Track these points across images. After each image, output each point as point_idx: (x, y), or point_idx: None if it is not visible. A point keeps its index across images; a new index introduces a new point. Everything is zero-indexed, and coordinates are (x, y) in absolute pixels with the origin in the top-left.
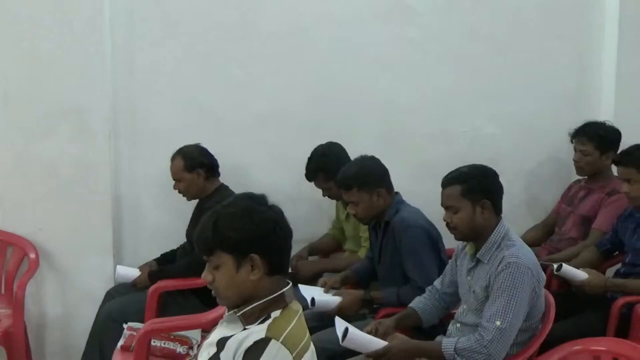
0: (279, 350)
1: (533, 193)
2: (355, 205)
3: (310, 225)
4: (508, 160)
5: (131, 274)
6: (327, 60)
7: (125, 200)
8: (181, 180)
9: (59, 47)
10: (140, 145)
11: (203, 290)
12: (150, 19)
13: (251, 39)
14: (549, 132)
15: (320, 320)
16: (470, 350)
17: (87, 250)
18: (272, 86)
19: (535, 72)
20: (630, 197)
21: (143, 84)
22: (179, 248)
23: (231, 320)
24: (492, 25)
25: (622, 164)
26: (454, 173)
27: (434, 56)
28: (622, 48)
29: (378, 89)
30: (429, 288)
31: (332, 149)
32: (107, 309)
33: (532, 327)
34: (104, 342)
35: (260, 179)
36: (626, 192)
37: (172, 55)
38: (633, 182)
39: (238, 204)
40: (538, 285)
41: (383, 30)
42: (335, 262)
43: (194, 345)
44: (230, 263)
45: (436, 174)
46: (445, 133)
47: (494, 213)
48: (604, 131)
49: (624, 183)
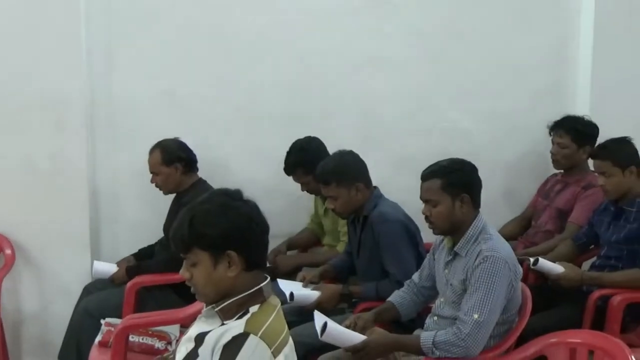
0: (258, 345)
1: (511, 186)
2: (334, 200)
3: (289, 219)
4: (486, 154)
5: (109, 270)
6: (305, 54)
7: (102, 195)
8: (159, 173)
9: (35, 40)
10: (117, 140)
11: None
12: (128, 12)
13: (230, 33)
14: (526, 126)
15: (299, 315)
16: (448, 344)
17: (64, 245)
18: (250, 80)
19: (512, 67)
20: (606, 190)
21: (121, 77)
22: (156, 243)
23: (209, 316)
24: (470, 20)
25: (598, 157)
26: (433, 167)
27: (411, 51)
28: (598, 43)
29: (356, 83)
30: (407, 282)
31: (311, 143)
32: (84, 304)
33: (509, 320)
34: (82, 338)
35: (239, 173)
36: (602, 185)
37: (150, 48)
38: (608, 175)
39: (213, 201)
40: (515, 279)
41: (361, 25)
42: (313, 257)
43: (172, 341)
44: (207, 260)
45: (415, 168)
46: (424, 127)
47: (472, 207)
48: (581, 125)
49: (599, 176)
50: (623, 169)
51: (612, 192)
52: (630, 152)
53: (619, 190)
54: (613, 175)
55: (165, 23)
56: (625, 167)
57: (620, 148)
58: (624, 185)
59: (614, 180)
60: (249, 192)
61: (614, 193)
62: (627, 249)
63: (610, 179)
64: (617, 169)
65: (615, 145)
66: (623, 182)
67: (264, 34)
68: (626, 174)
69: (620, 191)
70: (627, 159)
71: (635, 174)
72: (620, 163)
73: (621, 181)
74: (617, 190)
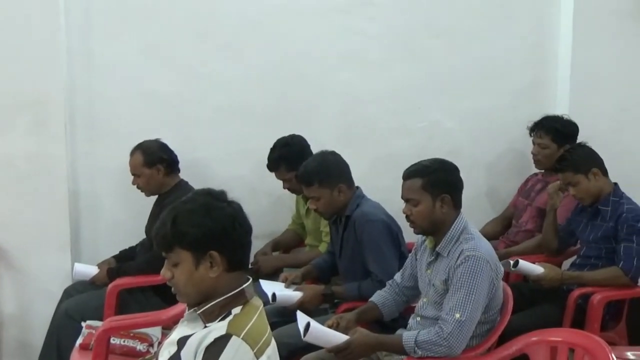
0: (240, 347)
1: (492, 185)
2: (316, 200)
3: (271, 219)
4: (467, 154)
5: (89, 272)
6: (287, 53)
7: (83, 196)
8: (140, 175)
9: (14, 39)
10: (98, 140)
11: (163, 287)
12: (108, 11)
13: (211, 31)
14: (507, 126)
15: (282, 316)
16: (430, 343)
17: (44, 247)
18: (232, 79)
19: (493, 67)
20: (579, 198)
21: (101, 76)
22: (138, 245)
23: (192, 319)
24: (451, 20)
25: (559, 170)
26: (415, 166)
27: (392, 50)
28: (577, 42)
29: (338, 83)
30: (389, 282)
31: (295, 139)
32: (65, 307)
33: (490, 319)
34: (62, 341)
35: (221, 173)
36: (573, 195)
37: (130, 47)
38: (575, 183)
39: (196, 201)
40: (496, 278)
41: (342, 24)
42: (296, 257)
43: (154, 343)
44: (189, 260)
45: (396, 167)
46: (405, 127)
47: (453, 207)
48: (560, 125)
49: (570, 188)
50: (585, 174)
51: (585, 198)
52: (586, 156)
53: (590, 194)
54: (579, 183)
55: (146, 22)
56: (586, 171)
57: (576, 155)
58: (593, 188)
59: (582, 187)
60: (230, 191)
61: (587, 198)
62: (606, 248)
63: (578, 187)
64: (580, 175)
65: (571, 155)
66: (591, 186)
67: (246, 33)
68: (590, 178)
69: (592, 195)
70: (585, 163)
71: (599, 175)
72: (580, 169)
73: (588, 185)
74: (588, 194)
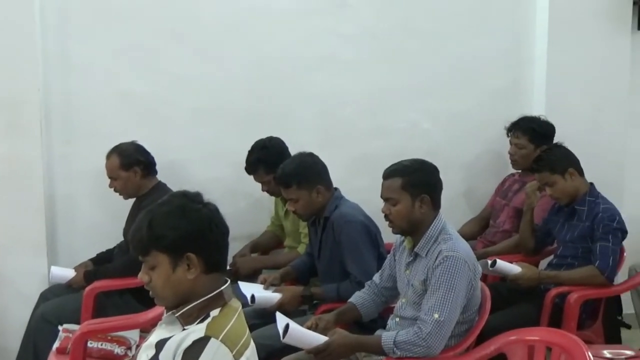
0: (219, 349)
1: (470, 186)
2: (295, 202)
3: (250, 221)
4: (444, 154)
5: (66, 275)
6: (264, 55)
7: (59, 198)
8: (117, 178)
9: None
10: (74, 142)
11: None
12: (84, 11)
13: (188, 33)
14: (484, 127)
15: (261, 317)
16: (409, 343)
17: (20, 250)
18: (209, 81)
19: (469, 68)
20: (555, 198)
21: (77, 78)
22: (115, 247)
23: (170, 322)
24: (427, 21)
25: (536, 171)
26: (395, 165)
27: (369, 52)
28: (552, 44)
29: (315, 84)
30: (368, 283)
31: (273, 142)
32: (41, 310)
33: (469, 319)
34: (39, 345)
35: (198, 175)
36: (550, 195)
37: (107, 49)
38: (551, 184)
39: (172, 203)
40: (474, 278)
41: (319, 25)
42: (274, 259)
43: (132, 346)
44: (166, 263)
45: (374, 168)
46: (383, 128)
47: (432, 208)
48: (537, 125)
49: (547, 188)
50: (562, 174)
51: (561, 198)
52: (562, 156)
53: (567, 194)
54: (556, 183)
55: (122, 23)
56: (563, 171)
57: (553, 155)
58: (570, 188)
59: (558, 187)
60: (208, 193)
61: (564, 198)
62: (582, 247)
63: (555, 187)
64: (557, 175)
65: (548, 155)
66: (567, 186)
67: (222, 34)
68: (567, 178)
69: (568, 195)
70: (562, 163)
71: (576, 175)
72: (557, 169)
73: (565, 185)
74: (565, 194)
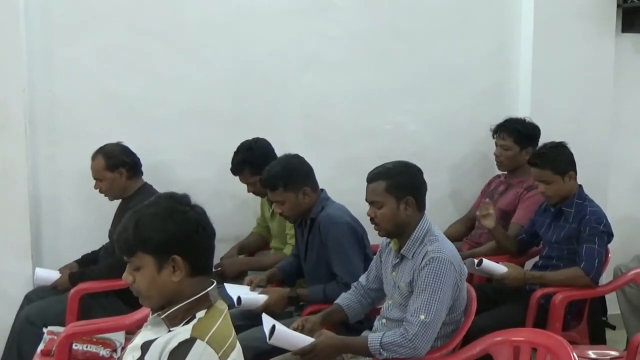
0: (205, 350)
1: (455, 187)
2: (281, 204)
3: (236, 222)
4: (430, 155)
5: (51, 276)
6: (249, 56)
7: (43, 200)
8: (103, 179)
9: None
10: (59, 143)
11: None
12: (69, 12)
13: (173, 34)
14: (470, 128)
15: (247, 319)
16: (395, 345)
17: (4, 252)
18: (194, 82)
19: (455, 69)
20: (548, 196)
21: (62, 78)
22: (100, 249)
23: (155, 324)
24: (413, 23)
25: (537, 166)
26: (379, 168)
27: (355, 53)
28: (537, 46)
29: (301, 86)
30: (354, 284)
31: (259, 143)
32: (26, 312)
33: (455, 320)
34: (23, 347)
35: (184, 176)
36: (542, 192)
37: (92, 49)
38: (549, 182)
39: (159, 204)
40: (460, 279)
41: (304, 26)
42: (261, 260)
43: (117, 348)
44: (152, 264)
45: (360, 169)
46: (368, 129)
47: (417, 209)
48: (523, 127)
49: (540, 184)
50: (563, 175)
51: (553, 197)
52: (567, 158)
53: (560, 195)
54: (554, 183)
55: (107, 23)
56: (564, 173)
57: (558, 155)
58: (564, 190)
59: (555, 187)
60: (194, 194)
61: (556, 198)
62: (568, 249)
63: (551, 186)
64: (557, 176)
65: (553, 153)
66: (563, 188)
67: (208, 35)
68: (566, 180)
69: (561, 196)
70: (565, 165)
71: (573, 178)
72: (560, 171)
73: (562, 187)
74: (558, 195)
